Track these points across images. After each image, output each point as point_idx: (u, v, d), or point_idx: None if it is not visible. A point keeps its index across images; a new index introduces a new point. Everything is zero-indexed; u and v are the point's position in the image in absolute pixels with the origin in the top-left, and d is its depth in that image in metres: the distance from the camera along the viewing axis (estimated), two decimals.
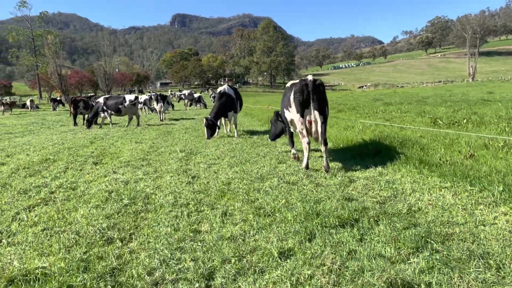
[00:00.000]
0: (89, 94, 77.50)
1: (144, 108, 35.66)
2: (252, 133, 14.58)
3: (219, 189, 6.25)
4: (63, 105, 52.83)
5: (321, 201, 5.27)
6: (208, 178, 7.23)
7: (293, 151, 8.96)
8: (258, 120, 20.42)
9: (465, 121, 12.86)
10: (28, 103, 50.03)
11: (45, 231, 4.73)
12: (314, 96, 7.35)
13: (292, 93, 7.58)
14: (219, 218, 4.85)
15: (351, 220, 4.44)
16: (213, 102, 52.16)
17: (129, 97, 19.30)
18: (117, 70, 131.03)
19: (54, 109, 47.27)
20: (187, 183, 6.87)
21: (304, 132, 7.52)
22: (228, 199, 5.71)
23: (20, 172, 8.63)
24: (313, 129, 7.53)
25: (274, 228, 4.32)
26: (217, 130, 13.65)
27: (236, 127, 14.18)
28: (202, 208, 5.30)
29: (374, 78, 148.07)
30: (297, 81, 7.93)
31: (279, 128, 9.94)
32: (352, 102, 32.89)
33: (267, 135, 13.30)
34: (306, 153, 7.61)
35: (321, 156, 8.75)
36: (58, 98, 54.90)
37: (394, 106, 24.55)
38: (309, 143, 7.55)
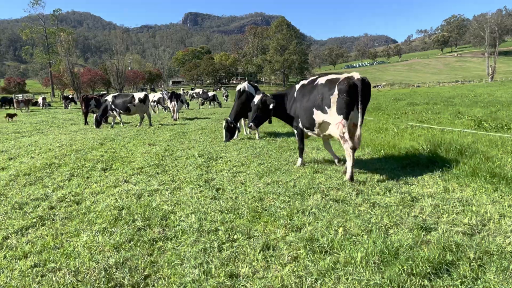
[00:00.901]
0: (101, 92, 76.96)
1: (158, 106, 34.77)
2: (275, 135, 13.42)
3: (252, 208, 5.11)
4: (75, 103, 52.23)
5: (389, 231, 4.10)
6: (236, 191, 6.09)
7: (301, 161, 7.97)
8: (278, 120, 19.22)
9: None
10: (40, 100, 49.51)
11: (35, 269, 3.64)
12: (362, 97, 6.34)
13: (337, 92, 6.48)
14: (260, 254, 3.71)
15: (445, 264, 3.26)
16: (226, 101, 51.36)
17: (139, 95, 18.28)
18: (129, 68, 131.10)
19: (66, 107, 46.66)
20: (211, 198, 5.74)
21: (347, 136, 6.43)
22: (266, 223, 4.56)
23: (19, 179, 7.60)
24: (357, 133, 6.49)
25: (342, 276, 3.15)
26: (236, 132, 12.55)
27: (257, 129, 13.04)
28: (235, 237, 4.17)
29: (388, 77, 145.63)
30: (327, 78, 6.91)
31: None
32: (373, 101, 31.51)
33: (292, 138, 12.15)
34: (350, 162, 6.45)
35: (329, 162, 7.57)
36: (70, 96, 54.32)
37: (420, 106, 23.18)
38: (353, 149, 6.41)
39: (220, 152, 10.10)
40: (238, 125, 13.01)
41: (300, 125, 7.60)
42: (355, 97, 6.36)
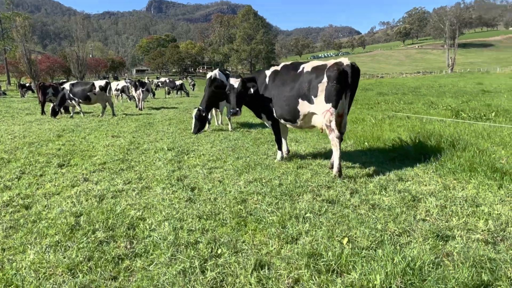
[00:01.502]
0: (61, 81, 73.25)
1: (122, 95, 33.22)
2: (249, 126, 12.71)
3: (235, 212, 4.40)
4: (33, 91, 49.30)
5: (400, 239, 3.50)
6: (214, 191, 5.35)
7: (281, 155, 7.34)
8: (249, 111, 18.51)
9: (493, 114, 11.34)
10: None
11: None
12: (352, 85, 5.93)
13: (326, 79, 5.90)
14: (252, 275, 3.01)
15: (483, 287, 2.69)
16: (193, 90, 50.02)
17: (99, 83, 17.04)
18: (90, 55, 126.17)
19: (23, 96, 43.93)
20: (186, 200, 4.98)
21: (334, 125, 5.90)
22: (254, 231, 3.87)
23: None
24: (343, 122, 6.20)
25: None
26: (207, 124, 11.77)
27: (230, 120, 12.28)
28: (220, 251, 3.45)
29: None
30: (313, 65, 6.33)
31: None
32: None
33: (267, 129, 11.49)
34: (337, 153, 5.92)
35: (298, 156, 7.02)
36: (27, 84, 51.17)
37: (390, 96, 23.10)
38: (340, 139, 5.91)
39: (191, 145, 9.29)
40: (210, 115, 12.19)
41: (275, 115, 6.95)
42: (345, 85, 5.88)
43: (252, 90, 6.93)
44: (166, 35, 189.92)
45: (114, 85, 33.81)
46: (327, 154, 7.62)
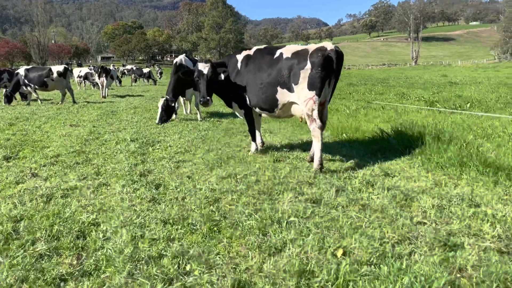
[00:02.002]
0: (20, 67, 69.29)
1: (85, 82, 31.64)
2: (219, 115, 12.03)
3: (206, 216, 3.78)
4: None
5: (401, 249, 2.99)
6: (182, 189, 4.70)
7: (255, 146, 6.77)
8: (219, 99, 17.78)
9: (468, 104, 11.16)
10: None
11: None
12: (336, 71, 5.58)
13: (309, 65, 5.42)
14: None
15: None
16: (160, 78, 48.45)
17: (57, 68, 15.85)
18: (53, 41, 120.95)
19: None
20: (150, 201, 4.31)
21: (316, 114, 5.46)
22: (229, 239, 3.27)
23: None
24: (324, 111, 5.83)
25: None
26: (174, 114, 11.03)
27: (199, 109, 11.56)
28: (189, 267, 2.83)
29: None
30: (292, 50, 5.79)
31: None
32: None
33: (239, 119, 10.86)
34: (319, 145, 5.45)
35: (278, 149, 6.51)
36: None
37: (360, 87, 22.89)
38: (321, 129, 5.49)
39: (157, 136, 8.55)
40: (177, 104, 11.43)
41: (249, 104, 6.38)
42: (330, 71, 5.45)
43: (222, 76, 6.29)
44: (132, 21, 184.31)
45: (77, 71, 32.29)
46: (304, 146, 7.10)
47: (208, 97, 6.12)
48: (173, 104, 10.12)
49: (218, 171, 5.43)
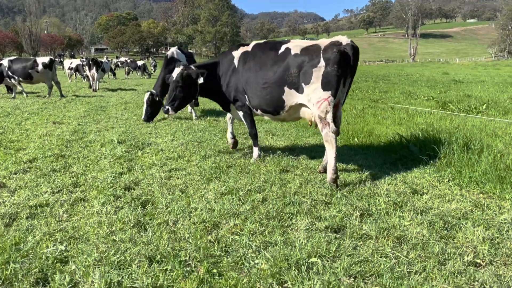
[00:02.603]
0: (4, 58, 67.56)
1: (76, 75, 30.59)
2: (216, 113, 11.20)
3: (204, 250, 2.99)
4: None
5: None
6: (174, 209, 3.90)
7: (258, 152, 6.03)
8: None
9: (484, 106, 10.41)
10: None
11: None
12: (353, 68, 4.92)
13: (323, 63, 4.78)
14: None
15: None
16: (154, 71, 47.32)
17: (43, 60, 14.93)
18: (46, 32, 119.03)
19: None
20: (134, 226, 3.51)
21: (330, 117, 4.79)
22: None
23: None
24: (338, 113, 5.13)
25: None
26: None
27: (193, 106, 10.74)
28: None
29: None
30: (301, 46, 5.17)
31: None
32: None
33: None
34: (333, 153, 4.72)
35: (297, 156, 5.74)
36: None
37: (362, 84, 22.14)
38: (337, 134, 4.86)
39: (148, 137, 7.74)
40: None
41: (250, 105, 5.68)
42: (346, 69, 4.80)
43: (201, 79, 5.66)
44: (127, 13, 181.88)
45: (68, 63, 31.29)
46: (313, 152, 6.33)
47: (167, 107, 5.74)
48: (158, 99, 9.20)
49: (217, 184, 4.65)
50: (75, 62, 30.98)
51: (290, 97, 5.13)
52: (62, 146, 6.85)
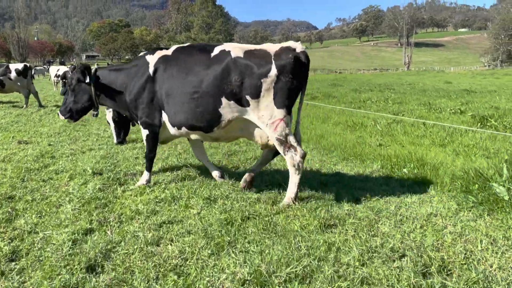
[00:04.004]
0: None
1: (62, 83, 28.80)
2: None
3: None
4: None
5: None
6: None
7: (148, 177, 4.98)
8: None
9: None
10: None
11: None
12: (307, 78, 4.34)
13: (275, 71, 4.08)
14: None
15: None
16: None
17: (16, 66, 13.26)
18: (36, 38, 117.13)
19: None
20: None
21: (292, 139, 4.22)
22: None
23: None
24: (297, 131, 4.47)
25: None
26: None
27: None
28: None
29: (311, 62, 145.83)
30: (244, 49, 4.35)
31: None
32: (310, 86, 28.79)
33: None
34: (297, 179, 4.23)
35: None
36: None
37: (368, 94, 20.55)
38: (303, 158, 4.19)
39: (133, 163, 6.05)
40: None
41: (171, 122, 4.63)
42: (303, 81, 4.25)
43: (87, 79, 4.93)
44: (119, 20, 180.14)
45: (54, 70, 29.71)
46: (359, 191, 4.68)
47: (59, 112, 5.24)
48: (122, 117, 7.20)
49: (233, 260, 2.96)
50: (63, 69, 29.25)
51: (229, 110, 4.25)
52: (17, 179, 5.13)
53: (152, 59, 4.74)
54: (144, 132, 4.87)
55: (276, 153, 4.61)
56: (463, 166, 5.15)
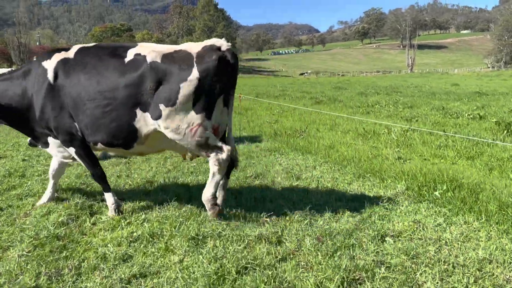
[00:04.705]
0: (2, 69, 64.85)
1: None
2: None
3: None
4: None
5: None
6: None
7: (113, 200, 4.13)
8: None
9: None
10: None
11: None
12: (235, 82, 3.92)
13: (197, 74, 3.58)
14: None
15: None
16: None
17: (0, 71, 12.39)
18: (38, 43, 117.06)
19: None
20: None
21: (214, 140, 3.79)
22: None
23: None
24: (231, 141, 4.08)
25: None
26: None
27: None
28: None
29: (314, 65, 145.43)
30: (161, 52, 3.83)
31: None
32: (314, 90, 28.01)
33: (241, 149, 7.52)
34: (218, 178, 3.84)
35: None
36: None
37: (375, 97, 19.63)
38: (228, 160, 3.81)
39: (113, 183, 5.15)
40: None
41: (88, 139, 3.97)
42: (229, 82, 3.81)
43: None
44: (121, 24, 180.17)
45: None
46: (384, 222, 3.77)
47: None
48: None
49: None
50: None
51: (144, 123, 3.74)
52: None
53: (49, 65, 3.96)
54: (71, 151, 4.12)
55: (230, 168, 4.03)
56: (510, 190, 4.22)
